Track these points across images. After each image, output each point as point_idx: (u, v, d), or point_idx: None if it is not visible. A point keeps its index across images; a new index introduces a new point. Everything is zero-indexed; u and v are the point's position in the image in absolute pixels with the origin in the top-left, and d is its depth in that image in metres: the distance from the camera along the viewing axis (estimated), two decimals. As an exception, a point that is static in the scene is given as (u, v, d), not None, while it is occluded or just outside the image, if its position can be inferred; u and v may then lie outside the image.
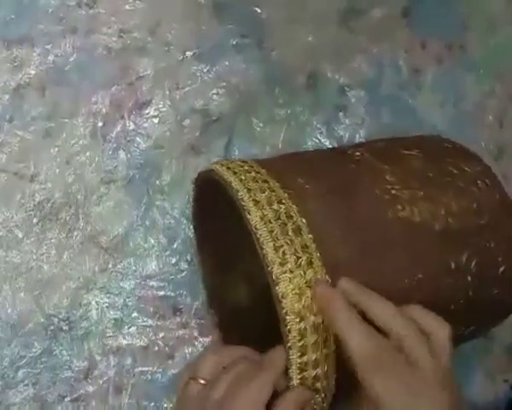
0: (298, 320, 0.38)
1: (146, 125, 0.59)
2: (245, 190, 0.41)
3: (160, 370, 0.55)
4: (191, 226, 0.57)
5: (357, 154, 0.48)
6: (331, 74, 0.63)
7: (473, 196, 0.46)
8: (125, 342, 0.55)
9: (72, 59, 0.59)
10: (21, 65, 0.58)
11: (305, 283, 0.38)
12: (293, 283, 0.38)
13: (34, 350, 0.54)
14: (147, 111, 0.59)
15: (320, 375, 0.39)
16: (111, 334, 0.55)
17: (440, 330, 0.38)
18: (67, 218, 0.57)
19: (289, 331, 0.37)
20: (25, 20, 0.59)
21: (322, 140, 0.62)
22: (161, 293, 0.57)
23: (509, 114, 0.66)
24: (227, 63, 0.61)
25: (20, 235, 0.56)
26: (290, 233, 0.39)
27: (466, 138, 0.53)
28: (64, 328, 0.55)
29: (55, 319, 0.55)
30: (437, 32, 0.66)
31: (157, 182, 0.58)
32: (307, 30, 0.63)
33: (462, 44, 0.66)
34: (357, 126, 0.63)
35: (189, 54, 0.61)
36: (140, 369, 0.55)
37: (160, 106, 0.60)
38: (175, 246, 0.58)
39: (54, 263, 0.56)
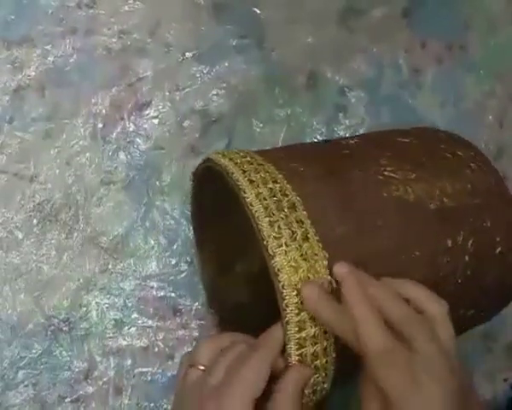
0: (295, 294, 0.37)
1: (146, 126, 0.59)
2: (240, 171, 0.41)
3: (160, 371, 0.55)
4: (191, 227, 0.57)
5: (351, 142, 0.48)
6: (331, 75, 0.63)
7: (467, 178, 0.46)
8: (124, 342, 0.56)
9: (72, 60, 0.59)
10: (21, 66, 0.58)
11: (301, 256, 0.38)
12: (288, 256, 0.38)
13: (34, 351, 0.54)
14: (147, 112, 0.59)
15: (319, 351, 0.38)
16: (111, 335, 0.55)
17: (437, 307, 0.38)
18: (67, 219, 0.57)
19: (286, 306, 0.37)
20: (25, 20, 0.58)
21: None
22: (161, 294, 0.57)
23: (509, 114, 0.66)
24: (227, 64, 0.61)
25: (20, 236, 0.56)
26: (285, 209, 0.39)
27: (466, 138, 0.53)
28: (64, 329, 0.55)
29: (55, 320, 0.55)
30: (437, 32, 0.66)
31: (157, 183, 0.58)
32: (307, 30, 0.63)
33: (463, 44, 0.66)
34: (357, 127, 0.63)
35: (188, 55, 0.61)
36: (140, 370, 0.55)
37: (160, 107, 0.60)
38: (175, 247, 0.58)
39: (54, 264, 0.56)
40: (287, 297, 0.37)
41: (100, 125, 0.59)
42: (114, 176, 0.58)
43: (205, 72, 0.61)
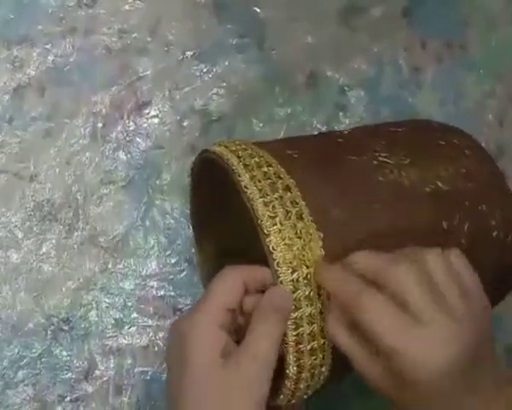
0: (290, 272, 0.38)
1: (146, 125, 0.59)
2: (234, 156, 0.41)
3: (160, 370, 0.55)
4: (191, 226, 0.57)
5: (345, 132, 0.49)
6: (331, 74, 0.63)
7: (461, 163, 0.47)
8: (125, 342, 0.56)
9: (71, 59, 0.59)
10: (21, 65, 0.58)
11: (296, 234, 0.38)
12: (283, 234, 0.38)
13: (34, 350, 0.54)
14: (147, 111, 0.59)
15: (316, 332, 0.38)
16: (111, 334, 0.55)
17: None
18: (67, 218, 0.57)
19: (281, 283, 0.38)
20: (24, 20, 0.58)
21: (322, 140, 0.62)
22: (161, 293, 0.57)
23: (509, 114, 0.66)
24: (227, 63, 0.61)
25: (20, 235, 0.56)
26: (280, 191, 0.39)
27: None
28: (64, 328, 0.55)
29: (55, 320, 0.55)
30: (437, 32, 0.66)
31: (157, 182, 0.58)
32: (307, 29, 0.63)
33: (463, 44, 0.66)
34: (357, 125, 0.63)
35: (188, 54, 0.61)
36: (140, 369, 0.55)
37: (160, 106, 0.60)
38: (175, 246, 0.58)
39: (54, 263, 0.56)
40: (281, 275, 0.38)
41: (100, 125, 0.58)
42: (114, 175, 0.58)
43: (205, 71, 0.61)
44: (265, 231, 0.38)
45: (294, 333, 0.38)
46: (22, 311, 0.55)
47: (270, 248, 0.38)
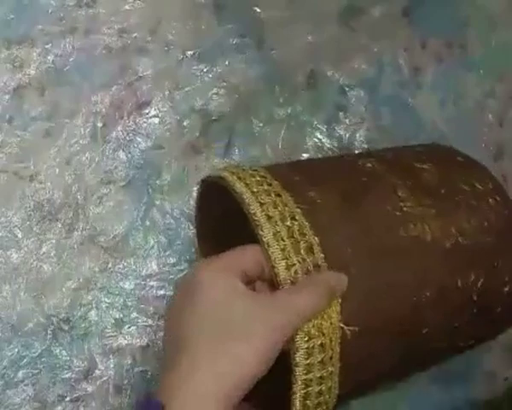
0: (306, 339, 0.37)
1: (146, 125, 0.59)
2: (257, 204, 0.40)
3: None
4: (191, 226, 0.57)
5: (369, 165, 0.47)
6: (331, 74, 0.63)
7: (483, 214, 0.46)
8: (125, 342, 0.55)
9: (71, 59, 0.59)
10: (21, 65, 0.58)
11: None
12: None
13: (34, 350, 0.54)
14: (147, 111, 0.59)
15: (324, 390, 0.38)
16: (111, 334, 0.55)
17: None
18: (67, 218, 0.57)
19: (297, 350, 0.37)
20: (25, 20, 0.59)
21: (323, 140, 0.62)
22: (161, 293, 0.57)
23: (509, 114, 0.66)
24: (227, 63, 0.61)
25: (20, 235, 0.56)
26: (302, 252, 0.38)
27: (466, 138, 0.53)
28: (64, 328, 0.55)
29: (55, 320, 0.55)
30: (437, 31, 0.66)
31: (157, 182, 0.58)
32: (307, 29, 0.63)
33: (463, 44, 0.66)
34: (358, 126, 0.63)
35: (188, 54, 0.61)
36: (140, 369, 0.55)
37: (160, 106, 0.60)
38: (175, 246, 0.58)
39: (53, 263, 0.56)
40: (297, 342, 0.37)
41: (100, 125, 0.58)
42: (114, 175, 0.58)
43: (205, 71, 0.61)
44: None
45: (303, 391, 0.38)
46: (22, 311, 0.55)
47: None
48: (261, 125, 0.61)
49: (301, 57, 0.63)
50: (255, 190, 0.40)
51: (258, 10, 0.63)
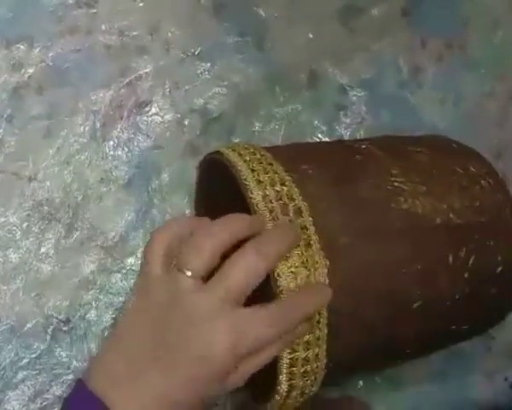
0: None
1: (146, 124, 0.59)
2: (249, 170, 0.41)
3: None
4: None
5: (364, 147, 0.48)
6: (331, 73, 0.63)
7: (476, 195, 0.47)
8: (124, 342, 0.55)
9: (71, 58, 0.59)
10: (20, 64, 0.58)
11: (302, 263, 0.38)
12: (289, 262, 0.38)
13: (33, 351, 0.54)
14: (146, 110, 0.59)
15: (310, 357, 0.38)
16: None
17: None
18: (66, 218, 0.57)
19: None
20: (24, 18, 0.58)
21: (323, 139, 0.62)
22: (161, 293, 0.56)
23: (509, 114, 0.66)
24: (227, 62, 0.61)
25: (19, 235, 0.56)
26: (291, 214, 0.39)
27: (466, 138, 0.53)
28: (63, 328, 0.55)
29: (55, 320, 0.55)
30: (437, 31, 0.66)
31: (157, 181, 0.58)
32: (307, 29, 0.63)
33: (463, 43, 0.66)
34: (358, 125, 0.63)
35: (189, 53, 0.61)
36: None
37: (160, 105, 0.60)
38: (175, 246, 0.57)
39: (53, 263, 0.56)
40: None
41: (99, 124, 0.58)
42: (114, 174, 0.58)
43: (205, 70, 0.61)
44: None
45: (289, 356, 0.38)
46: (21, 311, 0.54)
47: (275, 275, 0.37)
48: (261, 124, 0.61)
49: (301, 57, 0.63)
50: (248, 158, 0.42)
51: (259, 9, 0.62)
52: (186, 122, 0.60)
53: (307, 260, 0.38)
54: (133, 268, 0.57)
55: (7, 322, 0.54)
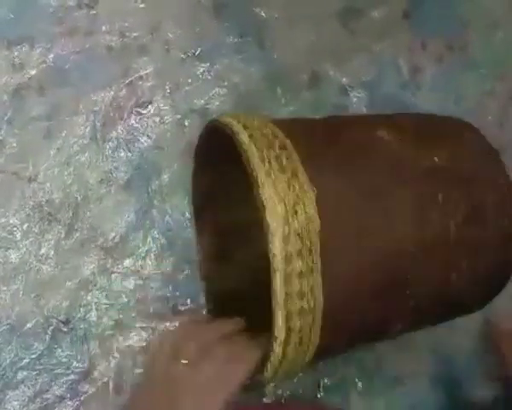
0: (282, 223, 0.37)
1: (146, 125, 0.59)
2: (246, 134, 0.41)
3: (161, 371, 0.55)
4: (191, 227, 0.56)
5: (353, 115, 0.51)
6: (332, 74, 0.63)
7: (459, 144, 0.48)
8: (124, 342, 0.55)
9: (72, 59, 0.59)
10: (21, 65, 0.58)
11: (289, 187, 0.38)
12: (276, 186, 0.38)
13: (34, 351, 0.54)
14: (147, 111, 0.59)
15: (305, 291, 0.38)
16: (111, 335, 0.55)
17: None
18: (67, 218, 0.57)
19: (272, 235, 0.37)
20: (25, 20, 0.58)
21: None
22: (161, 293, 0.56)
23: (509, 114, 0.66)
24: (227, 63, 0.61)
25: (19, 236, 0.56)
26: (277, 149, 0.40)
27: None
28: (63, 329, 0.55)
29: (55, 320, 0.55)
30: (437, 32, 0.66)
31: (157, 182, 0.58)
32: (308, 30, 0.63)
33: (463, 44, 0.66)
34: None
35: (189, 53, 0.61)
36: (140, 370, 0.55)
37: (161, 105, 0.60)
38: (174, 246, 0.57)
39: (53, 264, 0.56)
40: (273, 228, 0.37)
41: (100, 124, 0.58)
42: (114, 175, 0.58)
43: (205, 71, 0.61)
44: (260, 184, 0.38)
45: (284, 290, 0.37)
46: (21, 312, 0.54)
47: (263, 200, 0.37)
48: (262, 125, 0.61)
49: (302, 57, 0.63)
50: (247, 124, 0.43)
51: (259, 10, 0.63)
52: (186, 123, 0.60)
53: (294, 187, 0.39)
54: (133, 268, 0.57)
55: (7, 322, 0.54)
